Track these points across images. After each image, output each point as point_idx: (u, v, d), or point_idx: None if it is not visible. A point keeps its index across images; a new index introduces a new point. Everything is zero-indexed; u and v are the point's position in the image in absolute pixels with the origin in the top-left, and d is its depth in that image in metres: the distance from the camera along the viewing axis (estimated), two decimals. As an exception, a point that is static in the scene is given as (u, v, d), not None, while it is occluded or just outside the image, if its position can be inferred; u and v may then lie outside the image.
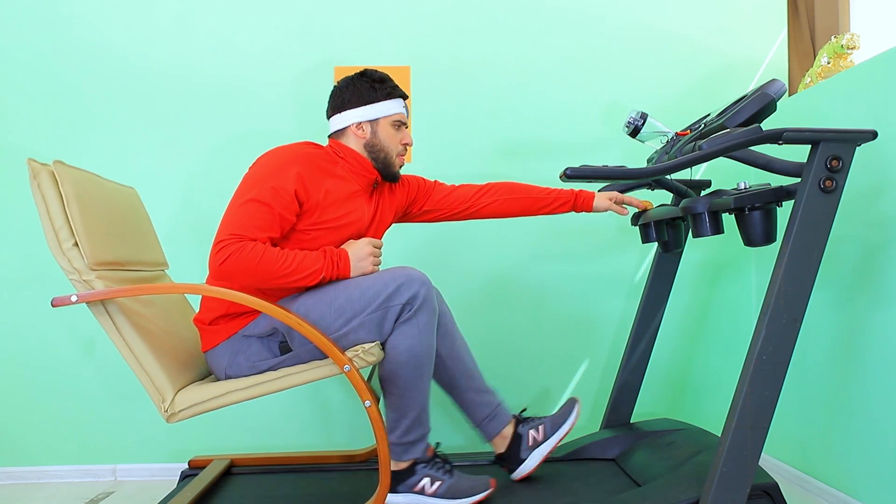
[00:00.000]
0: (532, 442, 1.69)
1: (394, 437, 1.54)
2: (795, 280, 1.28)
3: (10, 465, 2.24)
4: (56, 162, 1.43)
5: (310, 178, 1.49)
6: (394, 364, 1.48)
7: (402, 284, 1.45)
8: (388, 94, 1.61)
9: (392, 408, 1.54)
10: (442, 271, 2.30)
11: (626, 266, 2.34)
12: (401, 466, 1.56)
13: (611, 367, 2.33)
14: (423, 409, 1.53)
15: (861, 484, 1.66)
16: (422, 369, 1.49)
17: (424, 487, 1.55)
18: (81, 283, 1.39)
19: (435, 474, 1.56)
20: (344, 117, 1.61)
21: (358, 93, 1.60)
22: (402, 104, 1.64)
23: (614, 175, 1.33)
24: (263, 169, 1.47)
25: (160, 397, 1.41)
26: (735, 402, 1.30)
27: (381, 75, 1.63)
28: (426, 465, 1.57)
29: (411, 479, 1.56)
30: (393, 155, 1.63)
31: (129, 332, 1.41)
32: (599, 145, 2.33)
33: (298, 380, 1.43)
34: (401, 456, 1.55)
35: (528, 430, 1.70)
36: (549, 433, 1.70)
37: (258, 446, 2.26)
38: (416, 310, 1.45)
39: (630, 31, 2.35)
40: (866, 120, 1.64)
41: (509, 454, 1.71)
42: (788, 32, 2.27)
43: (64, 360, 2.25)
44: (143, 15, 2.29)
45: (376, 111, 1.60)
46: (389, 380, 1.51)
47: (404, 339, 1.46)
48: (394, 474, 1.55)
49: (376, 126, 1.60)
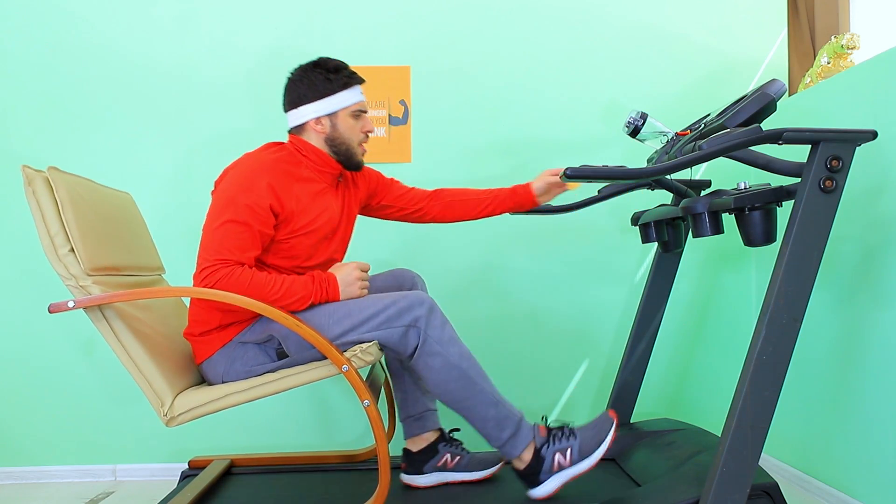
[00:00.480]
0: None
1: (496, 443, 1.51)
2: (795, 280, 1.28)
3: (10, 465, 2.24)
4: (51, 168, 1.44)
5: (281, 187, 1.47)
6: (440, 387, 1.47)
7: (404, 308, 1.45)
8: (345, 83, 1.55)
9: (472, 421, 1.50)
10: (441, 272, 2.30)
11: (626, 266, 2.34)
12: (526, 461, 1.51)
13: (611, 367, 2.33)
14: (496, 402, 1.49)
15: (861, 484, 1.66)
16: (468, 374, 1.47)
17: (560, 463, 1.51)
18: (78, 288, 1.39)
19: (561, 446, 1.52)
20: (301, 113, 1.56)
21: (313, 85, 1.54)
22: (359, 91, 1.59)
23: (614, 175, 1.33)
24: (235, 186, 1.44)
25: (159, 402, 1.41)
26: (735, 402, 1.30)
27: (335, 64, 1.56)
28: (547, 444, 1.52)
29: (544, 464, 1.51)
30: (355, 145, 1.60)
31: (127, 337, 1.41)
32: (599, 145, 2.33)
33: (297, 381, 1.43)
34: (514, 452, 1.51)
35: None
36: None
37: (258, 446, 2.26)
38: (423, 330, 1.45)
39: (630, 31, 2.35)
40: (866, 120, 1.64)
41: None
42: (788, 32, 2.27)
43: (64, 360, 2.25)
44: (143, 15, 2.29)
45: (334, 104, 1.54)
46: (452, 403, 1.49)
47: (433, 359, 1.46)
48: (527, 470, 1.51)
49: (335, 119, 1.56)
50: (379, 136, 2.30)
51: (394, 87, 2.30)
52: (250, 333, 1.51)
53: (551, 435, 1.54)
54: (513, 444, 1.50)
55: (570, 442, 1.52)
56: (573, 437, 1.53)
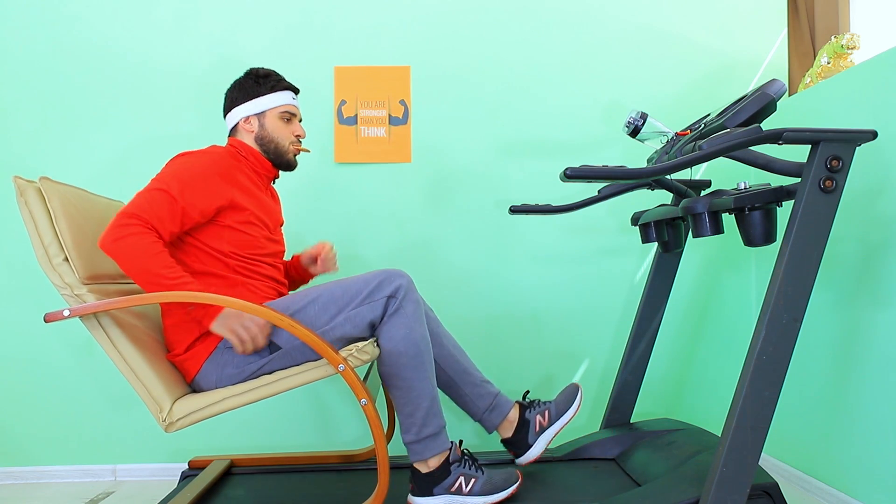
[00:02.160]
0: (538, 427, 1.70)
1: (411, 435, 1.52)
2: (795, 280, 1.28)
3: (10, 465, 2.24)
4: (42, 178, 1.45)
5: (227, 175, 1.54)
6: (393, 356, 1.48)
7: (384, 280, 1.49)
8: (273, 87, 1.66)
9: (401, 405, 1.52)
10: (441, 272, 2.30)
11: (626, 266, 2.34)
12: (431, 467, 1.53)
13: (611, 367, 2.33)
14: (433, 398, 1.51)
15: (861, 484, 1.66)
16: (422, 357, 1.49)
17: (461, 487, 1.53)
18: (73, 297, 1.39)
19: (469, 472, 1.55)
20: (233, 115, 1.66)
21: (244, 89, 1.66)
22: (290, 96, 1.68)
23: (614, 175, 1.33)
24: (181, 164, 1.49)
25: (158, 407, 1.41)
26: (735, 402, 1.30)
27: (266, 71, 1.68)
28: (459, 463, 1.55)
29: (447, 479, 1.53)
30: (284, 144, 1.68)
31: (124, 345, 1.41)
32: (599, 145, 2.33)
33: (294, 382, 1.43)
34: (425, 453, 1.52)
35: (534, 415, 1.71)
36: (554, 418, 1.71)
37: (258, 446, 2.26)
38: (401, 301, 1.48)
39: (630, 31, 2.35)
40: (866, 120, 1.64)
41: (517, 439, 1.71)
42: (788, 32, 2.27)
43: (64, 360, 2.25)
44: (143, 15, 2.29)
45: (262, 104, 1.65)
46: (392, 374, 1.50)
47: (397, 329, 1.48)
48: (426, 476, 1.53)
49: (263, 119, 1.65)
50: (379, 136, 2.30)
51: (394, 87, 2.30)
52: None
53: (464, 458, 1.58)
54: (428, 444, 1.52)
55: (477, 473, 1.56)
56: (481, 472, 1.57)
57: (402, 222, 2.31)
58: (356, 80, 2.30)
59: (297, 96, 1.72)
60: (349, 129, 2.30)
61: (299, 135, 1.70)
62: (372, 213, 2.30)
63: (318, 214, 2.30)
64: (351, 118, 2.30)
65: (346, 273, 2.29)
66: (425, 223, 2.31)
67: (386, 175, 2.31)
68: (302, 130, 1.71)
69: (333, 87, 2.30)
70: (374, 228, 2.31)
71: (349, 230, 2.30)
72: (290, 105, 1.68)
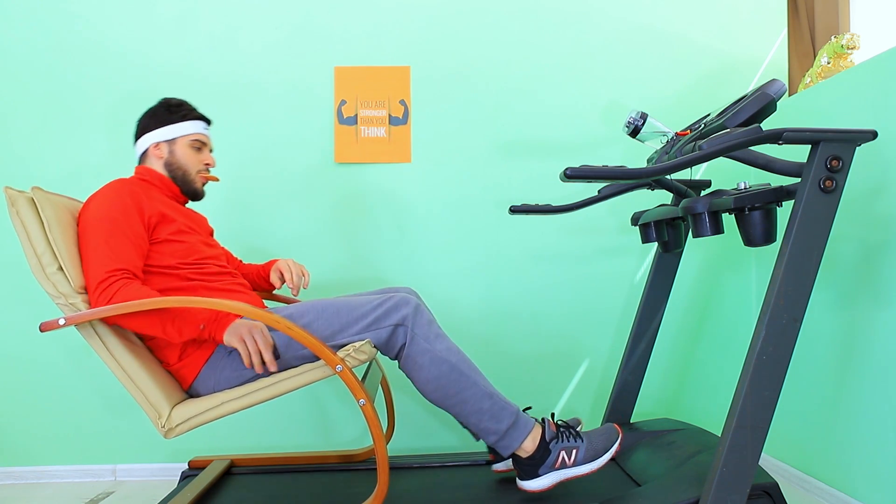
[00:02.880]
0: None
1: (492, 437, 1.51)
2: (795, 280, 1.28)
3: (10, 465, 2.24)
4: (34, 188, 1.46)
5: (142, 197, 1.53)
6: (431, 383, 1.47)
7: (391, 308, 1.48)
8: (185, 115, 1.68)
9: (467, 416, 1.50)
10: (441, 271, 2.30)
11: (626, 266, 2.34)
12: (529, 450, 1.51)
13: (611, 367, 2.33)
14: (490, 395, 1.50)
15: (861, 484, 1.66)
16: (458, 367, 1.48)
17: (564, 461, 1.52)
18: (68, 306, 1.39)
19: (569, 444, 1.53)
20: (144, 140, 1.67)
21: (156, 117, 1.67)
22: (201, 126, 1.70)
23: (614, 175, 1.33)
24: (102, 205, 1.47)
25: (156, 413, 1.40)
26: (735, 402, 1.30)
27: (178, 101, 1.70)
28: (557, 439, 1.53)
29: (549, 458, 1.51)
30: (192, 173, 1.68)
31: (121, 352, 1.41)
32: (599, 145, 2.33)
33: (292, 384, 1.43)
34: (514, 444, 1.51)
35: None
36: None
37: (258, 446, 2.26)
38: (410, 329, 1.48)
39: (630, 31, 2.35)
40: (866, 120, 1.64)
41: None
42: (788, 32, 2.27)
43: (64, 360, 2.25)
44: (143, 14, 2.29)
45: (173, 131, 1.66)
46: (441, 398, 1.49)
47: (420, 356, 1.47)
48: (528, 460, 1.51)
49: (174, 145, 1.67)
50: (379, 136, 2.30)
51: (394, 87, 2.30)
52: None
53: (560, 431, 1.55)
54: (512, 435, 1.50)
55: (577, 443, 1.53)
56: (580, 440, 1.54)
57: (402, 222, 2.31)
58: (356, 80, 2.30)
59: (208, 127, 1.73)
60: (349, 129, 2.30)
61: (208, 163, 1.71)
62: (372, 213, 2.30)
63: (318, 214, 2.30)
64: (351, 118, 2.30)
65: (346, 275, 2.29)
66: (425, 223, 2.31)
67: (386, 175, 2.31)
68: (211, 159, 1.72)
69: (333, 87, 2.30)
70: (373, 228, 2.31)
71: (349, 230, 2.30)
72: (201, 134, 1.69)
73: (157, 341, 1.52)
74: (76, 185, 2.24)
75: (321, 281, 2.28)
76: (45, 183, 2.23)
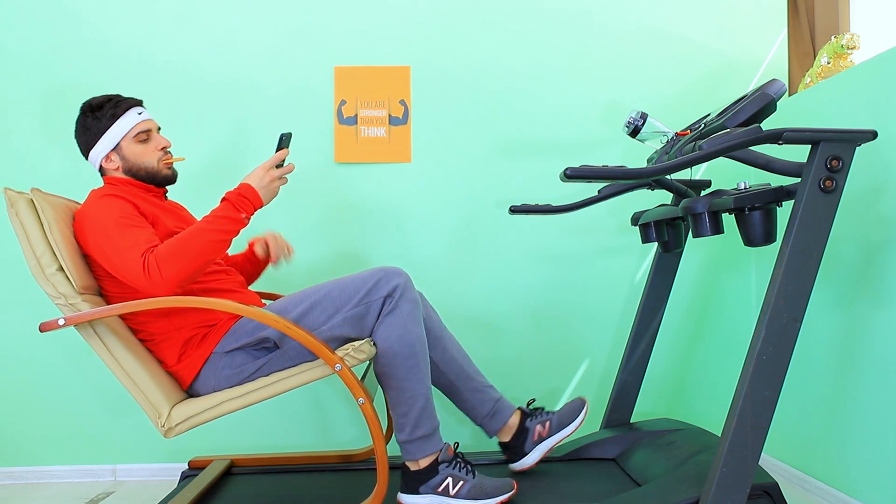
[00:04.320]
0: (537, 437, 1.71)
1: (404, 435, 1.51)
2: (795, 280, 1.28)
3: (10, 465, 2.24)
4: (34, 190, 1.46)
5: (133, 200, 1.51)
6: (387, 356, 1.48)
7: (381, 279, 1.48)
8: (113, 115, 1.56)
9: (395, 404, 1.51)
10: (440, 271, 2.30)
11: (626, 266, 2.33)
12: (420, 465, 1.53)
13: (611, 367, 2.33)
14: (427, 399, 1.51)
15: (861, 484, 1.66)
16: (416, 357, 1.49)
17: (448, 488, 1.51)
18: (68, 307, 1.39)
19: (458, 474, 1.53)
20: (93, 158, 1.59)
21: (88, 130, 1.57)
22: (135, 114, 1.58)
23: (614, 175, 1.33)
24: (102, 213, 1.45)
25: (156, 413, 1.41)
26: (735, 402, 1.30)
27: (99, 101, 1.57)
28: (448, 464, 1.53)
29: (434, 479, 1.52)
30: (153, 164, 1.61)
31: (121, 352, 1.41)
32: (599, 145, 2.33)
33: (291, 384, 1.43)
34: (416, 454, 1.52)
35: (534, 424, 1.71)
36: (555, 430, 1.71)
37: (258, 446, 2.26)
38: (397, 300, 1.48)
39: (630, 31, 2.35)
40: (866, 120, 1.64)
41: (514, 444, 1.73)
42: (788, 32, 2.27)
43: (64, 360, 2.25)
44: (143, 14, 2.29)
45: (112, 137, 1.56)
46: (386, 374, 1.50)
47: (392, 329, 1.48)
48: (414, 474, 1.53)
49: (121, 151, 1.58)
50: (379, 136, 2.30)
51: (394, 87, 2.30)
52: (235, 340, 1.50)
53: (456, 460, 1.56)
54: (420, 444, 1.52)
55: (466, 476, 1.54)
56: (471, 476, 1.55)
57: (402, 222, 2.31)
58: (356, 80, 2.30)
59: (143, 108, 1.60)
60: (349, 129, 2.30)
61: (164, 146, 1.62)
62: (372, 213, 2.30)
63: (318, 214, 2.30)
64: (351, 118, 2.30)
65: (346, 273, 2.29)
66: (425, 223, 2.31)
67: (386, 175, 2.31)
68: (165, 141, 1.63)
69: (333, 87, 2.30)
70: (374, 228, 2.31)
71: (349, 230, 2.30)
72: (140, 123, 1.58)
73: (156, 342, 1.52)
74: (76, 185, 2.23)
75: (321, 281, 2.27)
76: (44, 183, 2.23)
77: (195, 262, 1.39)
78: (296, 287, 2.25)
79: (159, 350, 1.52)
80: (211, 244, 1.41)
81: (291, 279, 2.27)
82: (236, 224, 1.44)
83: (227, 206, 1.45)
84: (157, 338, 1.52)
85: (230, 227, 1.44)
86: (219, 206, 1.46)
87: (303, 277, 2.28)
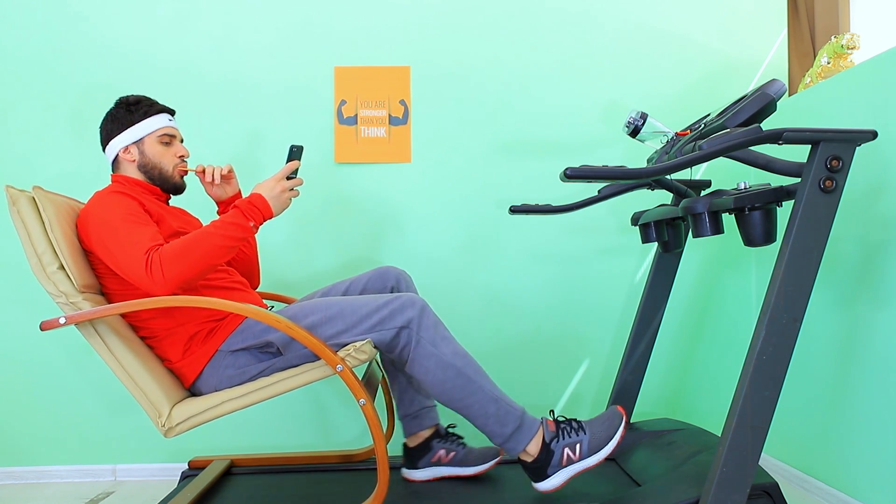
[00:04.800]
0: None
1: (498, 440, 1.50)
2: (795, 280, 1.28)
3: (10, 465, 2.24)
4: (35, 188, 1.46)
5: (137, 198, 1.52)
6: (436, 386, 1.47)
7: (396, 309, 1.47)
8: (146, 112, 1.61)
9: (472, 419, 1.50)
10: (440, 271, 2.30)
11: (626, 266, 2.34)
12: (533, 454, 1.51)
13: (611, 367, 2.33)
14: (495, 399, 1.49)
15: (861, 484, 1.66)
16: (465, 371, 1.48)
17: (570, 458, 1.50)
18: (69, 305, 1.39)
19: (570, 440, 1.50)
20: (112, 147, 1.62)
21: (117, 120, 1.61)
22: (165, 119, 1.64)
23: (614, 175, 1.33)
24: (107, 210, 1.46)
25: (156, 413, 1.41)
26: (735, 402, 1.30)
27: (136, 98, 1.64)
28: (557, 438, 1.51)
29: (553, 458, 1.50)
30: (168, 168, 1.64)
31: (121, 351, 1.42)
32: (599, 145, 2.33)
33: (292, 384, 1.43)
34: (519, 446, 1.50)
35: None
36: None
37: (258, 446, 2.26)
38: (416, 331, 1.47)
39: (630, 31, 2.35)
40: (866, 120, 1.64)
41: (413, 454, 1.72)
42: (788, 32, 2.27)
43: (64, 360, 2.24)
44: (143, 14, 2.29)
45: (138, 131, 1.60)
46: (448, 401, 1.49)
47: (426, 359, 1.47)
48: (533, 464, 1.51)
49: (142, 146, 1.61)
50: (379, 136, 2.30)
51: (394, 87, 2.30)
52: (241, 340, 1.51)
53: (560, 429, 1.54)
54: (516, 438, 1.50)
55: (579, 437, 1.52)
56: (582, 432, 1.53)
57: (402, 222, 2.31)
58: (356, 80, 2.30)
59: (173, 118, 1.67)
60: (349, 129, 2.30)
61: (182, 155, 1.66)
62: (372, 214, 2.30)
63: (319, 214, 2.30)
64: (351, 118, 2.30)
65: (346, 275, 2.29)
66: (425, 223, 2.31)
67: (386, 175, 2.31)
68: (185, 150, 1.67)
69: (333, 87, 2.30)
70: (374, 228, 2.31)
71: (349, 230, 2.30)
72: (168, 127, 1.64)
73: (159, 339, 1.52)
74: (76, 185, 2.23)
75: (321, 281, 2.27)
76: (45, 182, 2.23)
77: (199, 264, 1.39)
78: (297, 288, 2.26)
79: (162, 347, 1.52)
80: (216, 249, 1.41)
81: (292, 279, 2.27)
82: (244, 231, 1.45)
83: (237, 213, 1.46)
84: (160, 335, 1.52)
85: (237, 234, 1.44)
86: (229, 212, 1.47)
87: (303, 277, 2.28)
